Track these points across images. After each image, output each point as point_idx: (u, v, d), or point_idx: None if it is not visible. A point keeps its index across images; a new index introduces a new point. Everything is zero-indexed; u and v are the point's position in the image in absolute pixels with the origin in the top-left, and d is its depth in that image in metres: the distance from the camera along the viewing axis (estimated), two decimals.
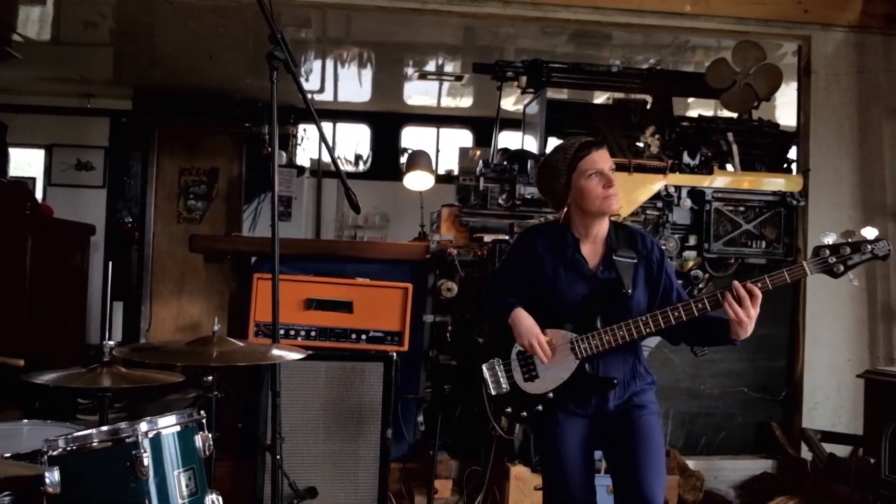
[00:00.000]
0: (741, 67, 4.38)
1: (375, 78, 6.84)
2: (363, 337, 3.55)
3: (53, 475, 1.75)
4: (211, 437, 1.98)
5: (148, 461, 1.84)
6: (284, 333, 3.47)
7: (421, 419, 3.86)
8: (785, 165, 4.55)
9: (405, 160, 4.82)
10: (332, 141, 7.93)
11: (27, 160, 7.81)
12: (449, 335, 3.90)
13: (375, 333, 3.55)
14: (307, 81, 6.95)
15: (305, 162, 7.57)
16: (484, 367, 2.49)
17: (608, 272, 2.40)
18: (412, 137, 8.01)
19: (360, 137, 7.97)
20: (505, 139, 7.03)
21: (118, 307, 7.38)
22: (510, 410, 2.47)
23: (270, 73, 2.22)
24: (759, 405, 4.35)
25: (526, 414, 2.45)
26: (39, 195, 7.33)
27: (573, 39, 5.36)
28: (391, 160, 7.76)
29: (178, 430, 1.96)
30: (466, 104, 7.47)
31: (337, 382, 3.54)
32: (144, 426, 1.90)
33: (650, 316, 2.30)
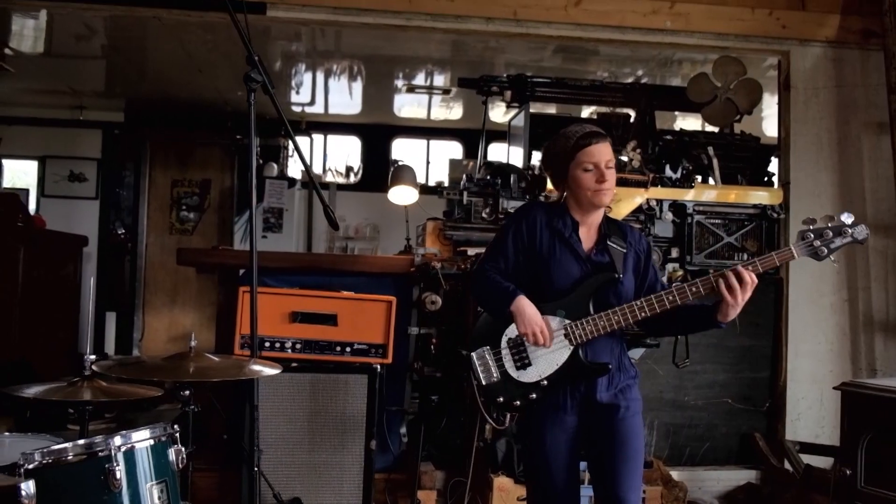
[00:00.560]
0: (721, 82, 4.45)
1: (366, 90, 6.91)
2: (347, 349, 3.57)
3: (29, 487, 1.78)
4: (184, 450, 2.02)
5: (120, 474, 1.88)
6: (270, 346, 3.52)
7: (403, 430, 3.88)
8: (766, 178, 4.61)
9: (390, 174, 4.85)
10: (322, 153, 8.00)
11: (21, 171, 7.86)
12: (433, 347, 3.92)
13: (359, 346, 3.58)
14: (298, 94, 7.02)
15: (297, 174, 7.62)
16: (473, 355, 2.40)
17: (601, 255, 2.41)
18: (403, 149, 8.06)
19: (350, 149, 8.02)
20: (495, 151, 7.11)
21: (111, 317, 7.44)
22: (501, 400, 2.38)
23: (248, 94, 2.27)
24: (742, 416, 4.37)
25: (519, 403, 2.37)
26: (33, 206, 7.38)
27: (560, 52, 5.41)
28: (382, 172, 7.76)
29: (151, 443, 2.00)
30: (456, 116, 7.53)
31: (322, 394, 3.57)
32: (118, 440, 1.94)
33: (645, 300, 2.30)
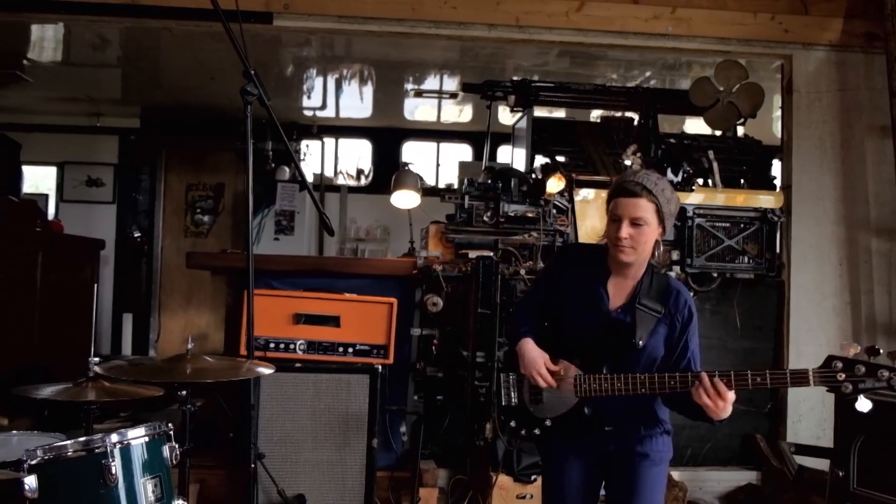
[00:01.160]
0: (724, 86, 4.48)
1: (376, 94, 6.99)
2: (350, 350, 3.67)
3: (32, 481, 1.90)
4: (178, 447, 2.12)
5: (116, 469, 2.00)
6: (275, 346, 3.64)
7: (404, 429, 3.96)
8: (770, 181, 4.63)
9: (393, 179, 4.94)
10: (334, 156, 8.10)
11: (41, 177, 8.06)
12: (435, 348, 4.00)
13: (362, 347, 3.67)
14: (309, 99, 7.13)
15: (308, 177, 7.70)
16: (502, 375, 2.52)
17: (625, 315, 2.31)
18: (413, 152, 8.14)
19: (361, 152, 8.12)
20: (503, 153, 7.16)
21: (128, 319, 7.60)
22: (513, 425, 2.48)
23: (244, 107, 2.34)
24: (744, 417, 4.38)
25: (525, 433, 2.46)
26: (52, 211, 7.56)
27: (567, 56, 5.45)
28: (393, 174, 7.88)
29: (146, 440, 2.12)
30: (466, 119, 7.59)
31: (325, 394, 3.68)
32: (115, 437, 2.06)
33: (648, 377, 2.23)
